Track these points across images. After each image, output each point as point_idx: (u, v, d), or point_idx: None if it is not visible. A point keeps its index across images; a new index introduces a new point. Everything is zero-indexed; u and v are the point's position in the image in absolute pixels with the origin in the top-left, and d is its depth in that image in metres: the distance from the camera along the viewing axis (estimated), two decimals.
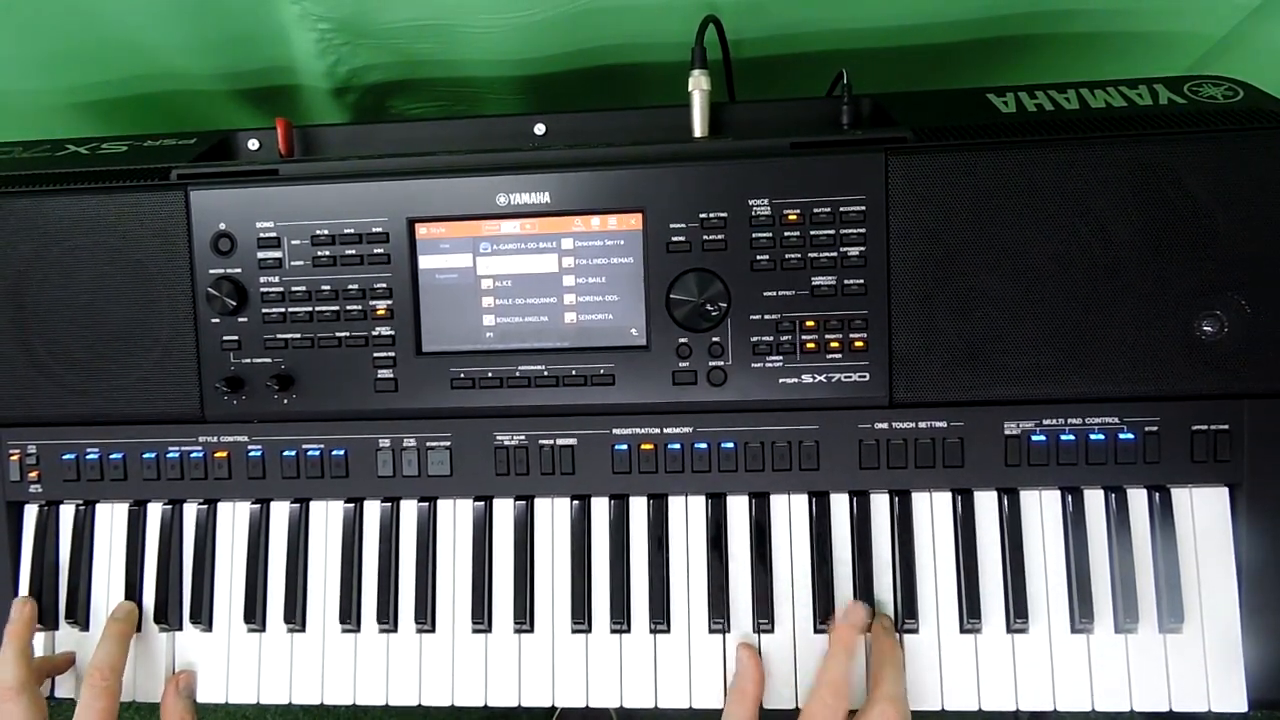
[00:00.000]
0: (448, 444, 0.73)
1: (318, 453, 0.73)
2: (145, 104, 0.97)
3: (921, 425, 0.69)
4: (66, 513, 0.76)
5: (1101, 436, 0.68)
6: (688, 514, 0.72)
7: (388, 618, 0.72)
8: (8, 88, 0.92)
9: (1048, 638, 0.68)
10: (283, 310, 0.72)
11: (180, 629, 0.74)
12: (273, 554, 0.74)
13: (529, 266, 0.71)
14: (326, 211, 0.72)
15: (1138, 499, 0.69)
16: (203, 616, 0.74)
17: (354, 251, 0.72)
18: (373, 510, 0.74)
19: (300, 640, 0.73)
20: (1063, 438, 0.68)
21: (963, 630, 0.68)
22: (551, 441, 0.72)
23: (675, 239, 0.69)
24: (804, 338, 0.69)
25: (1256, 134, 0.66)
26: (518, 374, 0.71)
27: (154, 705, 0.73)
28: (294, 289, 0.72)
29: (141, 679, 0.74)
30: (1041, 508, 0.69)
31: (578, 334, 0.71)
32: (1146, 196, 0.66)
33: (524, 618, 0.71)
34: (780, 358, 0.69)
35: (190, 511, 0.75)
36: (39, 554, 0.76)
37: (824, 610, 0.69)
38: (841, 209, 0.68)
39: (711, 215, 0.69)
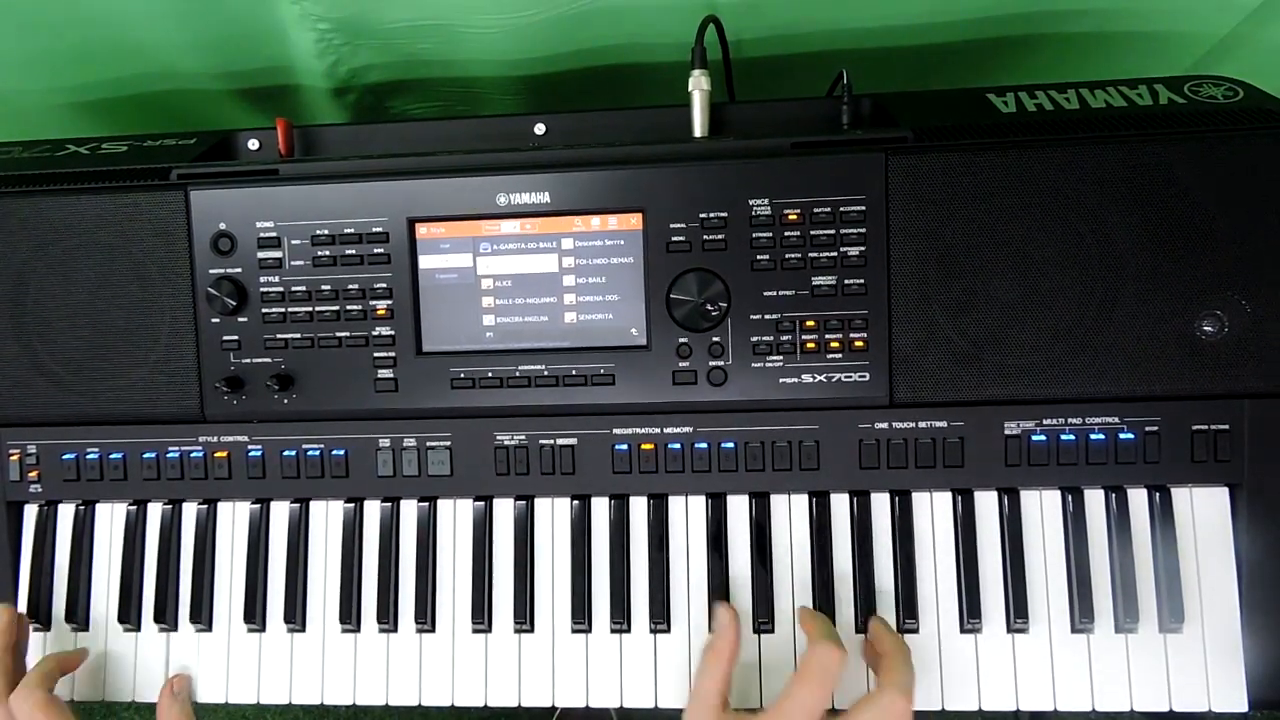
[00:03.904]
0: (448, 444, 0.73)
1: (318, 453, 0.73)
2: (145, 104, 0.97)
3: (921, 425, 0.69)
4: (66, 513, 0.76)
5: (1102, 436, 0.68)
6: (688, 514, 0.72)
7: (388, 618, 0.72)
8: (8, 88, 0.92)
9: (1048, 638, 0.68)
10: (283, 310, 0.72)
11: (180, 629, 0.74)
12: (273, 554, 0.74)
13: (529, 266, 0.71)
14: (326, 211, 0.72)
15: (1138, 499, 0.69)
16: (203, 617, 0.73)
17: (354, 251, 0.72)
18: (373, 510, 0.74)
19: (300, 640, 0.73)
20: (1063, 438, 0.68)
21: (963, 630, 0.68)
22: (551, 441, 0.72)
23: (675, 239, 0.69)
24: (804, 338, 0.69)
25: (1256, 134, 0.66)
26: (518, 374, 0.71)
27: (154, 705, 0.73)
28: (294, 289, 0.72)
29: (141, 679, 0.74)
30: (1042, 508, 0.69)
31: (578, 334, 0.71)
32: (1146, 197, 0.66)
33: (524, 618, 0.71)
34: (780, 358, 0.69)
35: (190, 511, 0.75)
36: (39, 554, 0.76)
37: (824, 610, 0.69)
38: (841, 209, 0.68)
39: (711, 215, 0.69)
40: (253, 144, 0.84)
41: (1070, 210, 0.66)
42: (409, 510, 0.73)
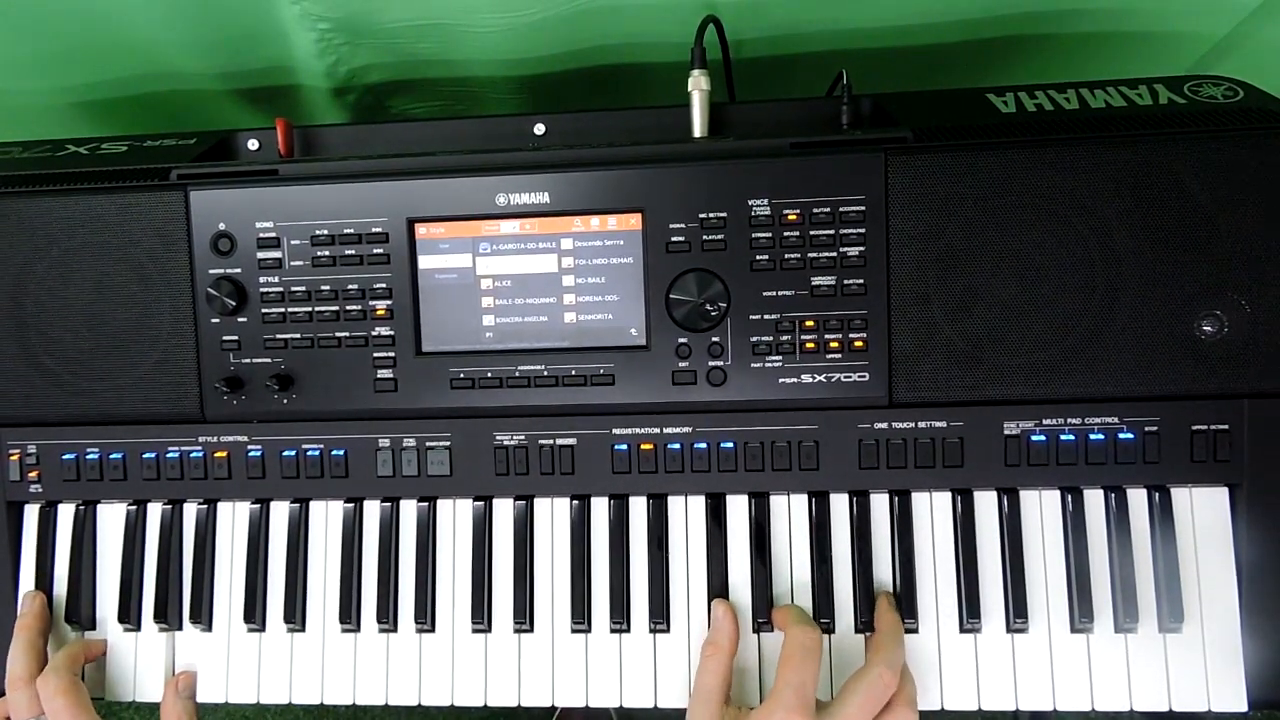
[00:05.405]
0: (447, 444, 0.73)
1: (317, 453, 0.73)
2: (145, 104, 0.97)
3: (921, 425, 0.69)
4: (66, 513, 0.76)
5: (1101, 436, 0.68)
6: (687, 514, 0.72)
7: (387, 618, 0.72)
8: (8, 88, 0.92)
9: (1047, 638, 0.68)
10: (282, 310, 0.72)
11: (180, 629, 0.74)
12: (273, 554, 0.74)
13: (528, 266, 0.71)
14: (326, 212, 0.72)
15: (1137, 499, 0.69)
16: (203, 616, 0.74)
17: (354, 252, 0.72)
18: (372, 510, 0.74)
19: (300, 640, 0.73)
20: (1062, 438, 0.68)
21: (962, 630, 0.68)
22: (551, 441, 0.72)
23: (675, 239, 0.69)
24: (803, 338, 0.69)
25: (1256, 134, 0.66)
26: (517, 374, 0.71)
27: (154, 705, 0.73)
28: (294, 289, 0.72)
29: (142, 679, 0.74)
30: (1041, 508, 0.69)
31: (577, 334, 0.71)
32: (1146, 196, 0.66)
33: (524, 618, 0.71)
34: (780, 358, 0.69)
35: (190, 511, 0.75)
36: (40, 554, 0.76)
37: (823, 610, 0.69)
38: (841, 209, 0.68)
39: (711, 215, 0.69)
40: (252, 144, 0.84)
41: (1070, 210, 0.66)
42: (409, 510, 0.73)
